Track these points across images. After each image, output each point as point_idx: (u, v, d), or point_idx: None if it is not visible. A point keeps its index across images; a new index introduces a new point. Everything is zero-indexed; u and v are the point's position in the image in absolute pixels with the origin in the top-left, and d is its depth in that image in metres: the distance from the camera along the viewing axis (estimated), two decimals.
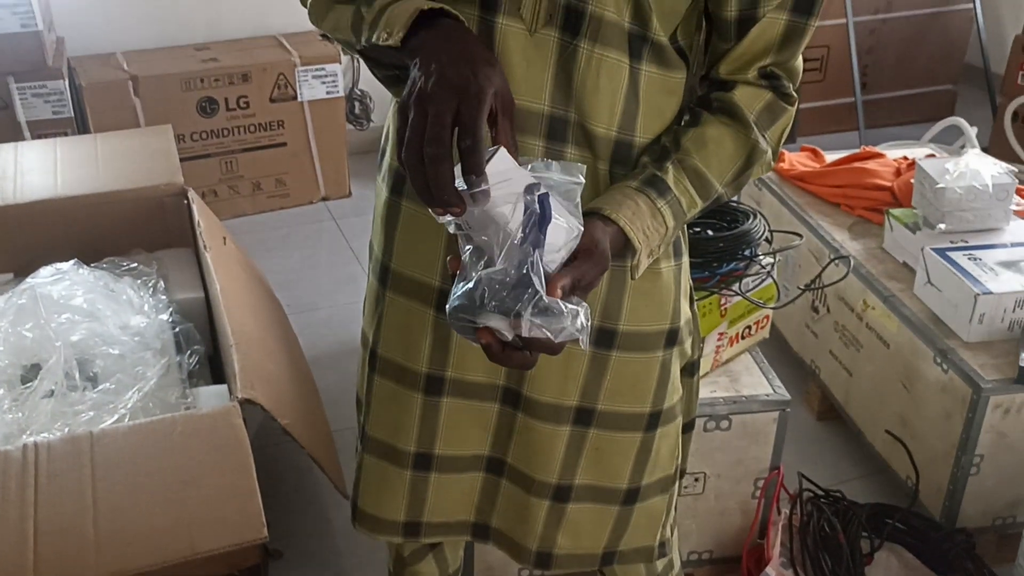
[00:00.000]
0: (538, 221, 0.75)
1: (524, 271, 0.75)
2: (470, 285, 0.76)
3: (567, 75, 0.92)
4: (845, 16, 3.52)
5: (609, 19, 0.90)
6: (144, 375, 1.72)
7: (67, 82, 2.85)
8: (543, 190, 0.77)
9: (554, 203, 0.77)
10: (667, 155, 0.95)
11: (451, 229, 0.79)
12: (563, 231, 0.79)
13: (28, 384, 1.67)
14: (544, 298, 0.75)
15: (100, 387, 1.69)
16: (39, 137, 2.77)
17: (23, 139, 2.77)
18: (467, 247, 0.79)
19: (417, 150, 0.76)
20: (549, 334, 0.76)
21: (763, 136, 0.98)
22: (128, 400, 1.65)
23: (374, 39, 0.85)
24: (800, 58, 0.99)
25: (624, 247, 0.90)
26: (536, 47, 0.91)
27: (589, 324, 0.78)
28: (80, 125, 2.90)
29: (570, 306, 0.76)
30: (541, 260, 0.76)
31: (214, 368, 1.94)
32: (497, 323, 0.76)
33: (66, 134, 2.81)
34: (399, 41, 0.83)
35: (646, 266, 0.93)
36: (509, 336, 0.77)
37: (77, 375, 1.70)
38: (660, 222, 0.92)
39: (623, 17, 0.91)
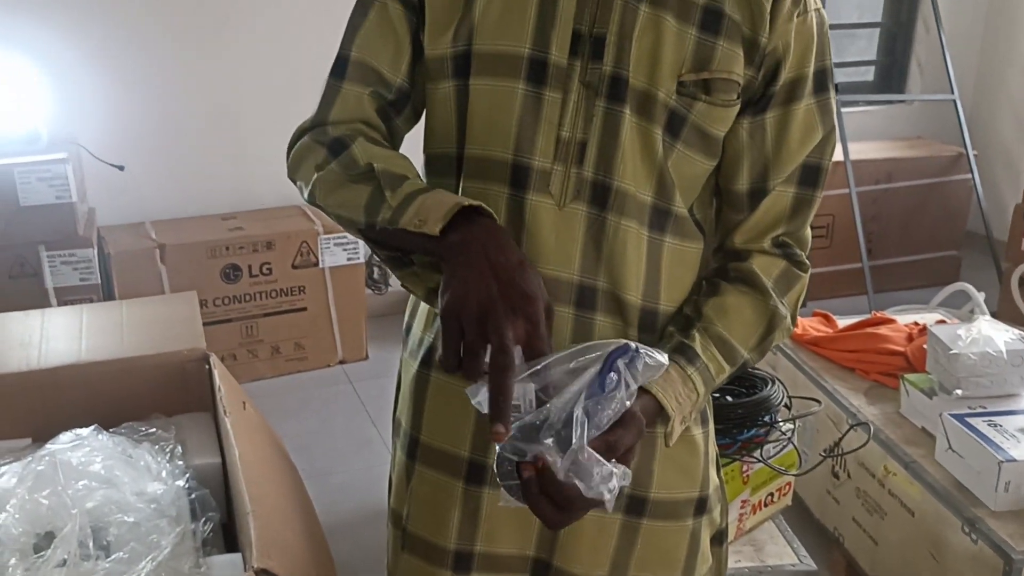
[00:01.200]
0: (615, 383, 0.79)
1: (573, 419, 0.77)
2: (538, 418, 0.78)
3: (596, 245, 0.96)
4: (848, 186, 3.64)
5: (634, 193, 0.95)
6: (158, 544, 1.69)
7: (96, 250, 2.94)
8: (634, 358, 0.80)
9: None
10: (691, 324, 0.98)
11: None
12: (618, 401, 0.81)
13: (41, 553, 1.64)
14: (584, 451, 0.76)
15: (113, 556, 1.66)
16: (65, 303, 2.84)
17: (49, 305, 2.83)
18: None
19: (476, 364, 0.80)
20: (580, 485, 0.76)
21: (781, 302, 1.01)
22: (141, 570, 1.61)
23: (401, 223, 0.87)
24: (809, 227, 1.04)
25: (657, 415, 0.91)
26: (565, 221, 0.95)
27: (618, 489, 0.78)
28: (106, 291, 2.98)
29: (606, 466, 0.77)
30: (588, 420, 0.77)
31: (227, 535, 1.91)
32: (550, 453, 0.77)
33: (92, 300, 2.87)
34: (436, 231, 0.85)
35: (679, 433, 0.94)
36: (560, 471, 0.77)
37: (91, 544, 1.67)
38: (691, 389, 0.94)
39: (647, 192, 0.96)
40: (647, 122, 0.94)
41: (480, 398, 0.79)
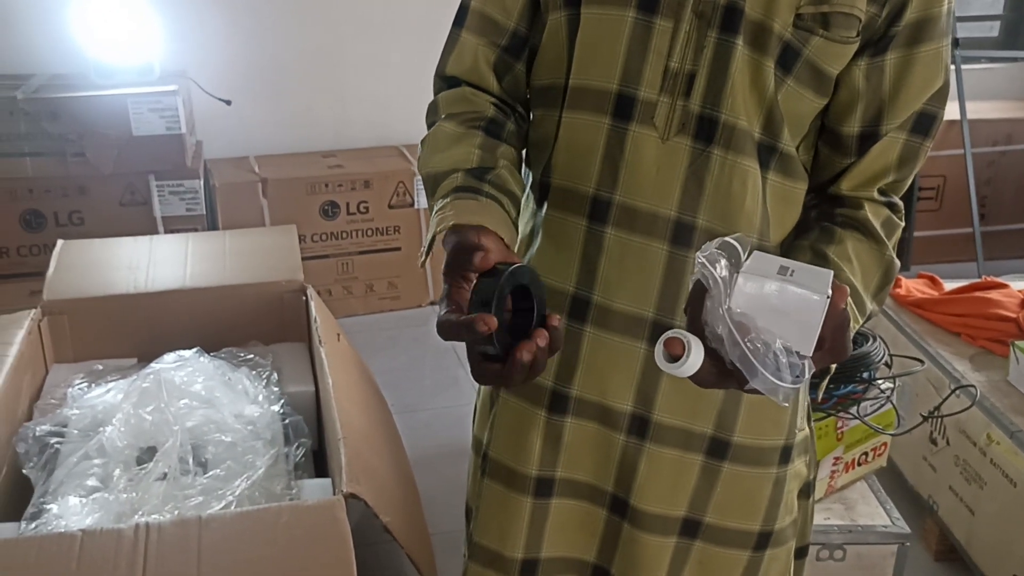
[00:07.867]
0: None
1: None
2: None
3: (698, 181, 0.94)
4: (963, 146, 3.47)
5: (741, 127, 0.92)
6: (253, 464, 1.75)
7: (202, 182, 3.03)
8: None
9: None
10: None
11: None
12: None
13: (143, 465, 1.72)
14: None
15: (210, 473, 1.73)
16: (171, 232, 2.94)
17: (157, 233, 2.94)
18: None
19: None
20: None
21: (894, 252, 0.98)
22: (236, 487, 1.68)
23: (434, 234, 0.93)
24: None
25: None
26: (668, 154, 0.93)
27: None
28: (210, 222, 3.06)
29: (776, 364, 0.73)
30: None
31: (317, 463, 1.97)
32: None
33: (196, 230, 2.97)
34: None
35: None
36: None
37: (190, 460, 1.74)
38: None
39: (754, 127, 0.93)
40: (759, 55, 0.91)
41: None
